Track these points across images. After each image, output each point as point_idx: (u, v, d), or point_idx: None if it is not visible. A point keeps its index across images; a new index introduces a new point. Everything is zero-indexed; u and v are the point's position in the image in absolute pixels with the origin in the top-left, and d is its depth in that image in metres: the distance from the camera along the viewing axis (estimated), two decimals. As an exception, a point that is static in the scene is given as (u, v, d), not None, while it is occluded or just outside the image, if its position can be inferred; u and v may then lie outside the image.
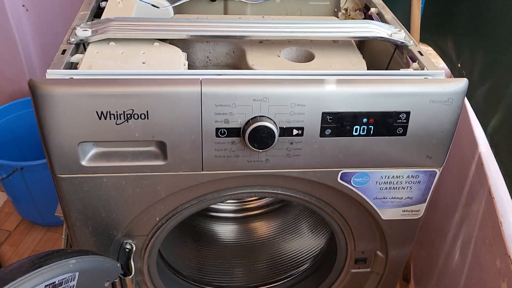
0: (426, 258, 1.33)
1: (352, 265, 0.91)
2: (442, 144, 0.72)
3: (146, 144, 0.69)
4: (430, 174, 0.75)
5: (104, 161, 0.69)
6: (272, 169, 0.72)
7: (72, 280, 0.64)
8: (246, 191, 0.77)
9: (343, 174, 0.74)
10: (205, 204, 0.78)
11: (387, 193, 0.77)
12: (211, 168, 0.71)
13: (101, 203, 0.73)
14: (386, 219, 0.81)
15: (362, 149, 0.71)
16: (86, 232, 0.77)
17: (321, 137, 0.69)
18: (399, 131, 0.70)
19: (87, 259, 0.68)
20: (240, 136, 0.68)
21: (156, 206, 0.76)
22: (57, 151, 0.66)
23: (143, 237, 0.81)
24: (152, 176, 0.71)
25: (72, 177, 0.69)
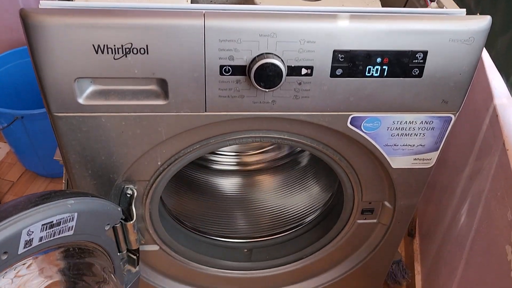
0: (432, 214, 1.31)
1: (359, 216, 0.89)
2: (459, 88, 0.68)
3: (146, 82, 0.65)
4: (445, 120, 0.72)
5: (103, 100, 0.65)
6: (278, 111, 0.69)
7: (71, 220, 0.63)
8: (251, 136, 0.74)
9: (353, 118, 0.70)
10: (208, 148, 0.75)
11: (399, 140, 0.74)
12: (214, 109, 0.67)
13: (100, 144, 0.70)
14: (396, 168, 0.78)
15: (375, 91, 0.67)
16: (86, 176, 0.75)
17: (331, 77, 0.65)
18: (415, 73, 0.65)
19: (86, 201, 0.66)
20: (246, 74, 0.64)
21: (157, 149, 0.73)
22: (52, 88, 0.63)
23: (145, 182, 0.79)
24: (152, 117, 0.67)
25: (70, 116, 0.66)
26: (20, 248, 0.57)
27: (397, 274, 1.29)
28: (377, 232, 0.93)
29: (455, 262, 1.04)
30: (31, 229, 0.57)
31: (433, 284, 1.17)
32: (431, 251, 1.25)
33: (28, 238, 0.57)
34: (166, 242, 0.91)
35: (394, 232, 0.91)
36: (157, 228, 0.88)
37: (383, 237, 0.93)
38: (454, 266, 1.04)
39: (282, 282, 1.04)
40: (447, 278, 1.07)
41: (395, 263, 1.30)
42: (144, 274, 0.95)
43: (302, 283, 1.04)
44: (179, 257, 0.95)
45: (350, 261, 1.00)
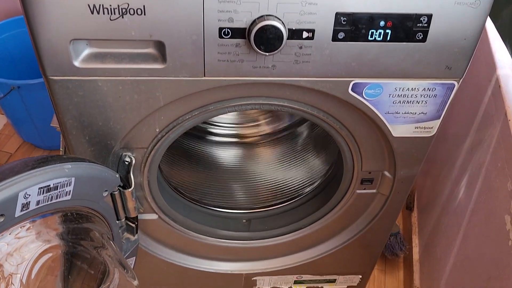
0: (431, 187, 1.32)
1: (358, 186, 0.89)
2: (464, 53, 0.66)
3: (144, 45, 0.64)
4: (448, 87, 0.70)
5: (99, 63, 0.64)
6: (278, 76, 0.67)
7: (68, 185, 0.62)
8: (250, 102, 0.73)
9: (355, 84, 0.69)
10: (207, 115, 0.74)
11: (400, 108, 0.73)
12: (213, 74, 0.66)
13: (97, 110, 0.69)
14: (397, 136, 0.77)
15: (377, 56, 0.66)
16: (83, 142, 0.74)
17: (333, 41, 0.64)
18: (419, 37, 0.64)
19: (84, 166, 0.65)
20: (245, 37, 0.62)
21: (155, 116, 0.72)
22: (47, 50, 0.61)
23: (143, 150, 0.78)
24: (150, 81, 0.66)
25: (65, 79, 0.65)
26: (17, 211, 0.57)
27: (395, 247, 1.30)
28: (376, 202, 0.93)
29: (453, 233, 1.05)
30: (28, 192, 0.57)
31: (430, 256, 1.18)
32: (429, 223, 1.26)
33: (25, 201, 0.57)
34: (165, 211, 0.91)
35: (393, 202, 0.91)
36: (155, 197, 0.88)
37: (382, 208, 0.93)
38: (452, 238, 1.05)
39: (280, 252, 1.04)
40: (445, 250, 1.08)
41: (393, 236, 1.31)
42: (143, 242, 0.95)
43: (300, 253, 1.04)
44: (178, 226, 0.95)
45: (349, 231, 1.00)
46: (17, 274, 0.65)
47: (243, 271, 1.06)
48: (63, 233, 0.67)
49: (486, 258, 0.85)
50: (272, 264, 1.05)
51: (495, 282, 0.79)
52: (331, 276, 1.11)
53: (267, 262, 1.05)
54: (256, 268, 1.06)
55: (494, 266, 0.81)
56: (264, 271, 1.06)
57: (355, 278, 1.13)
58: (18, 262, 0.63)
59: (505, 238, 0.78)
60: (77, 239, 0.68)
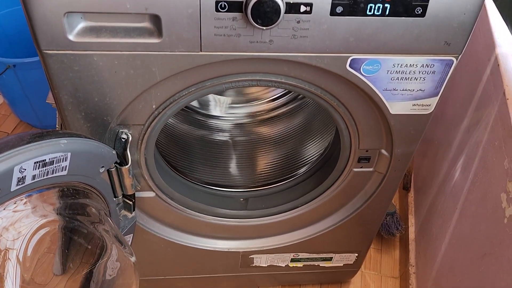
0: (428, 167, 1.32)
1: (355, 164, 0.89)
2: (463, 29, 0.65)
3: (139, 18, 0.63)
4: (446, 64, 0.70)
5: (94, 37, 0.63)
6: (276, 52, 0.67)
7: (64, 160, 0.62)
8: (247, 78, 0.72)
9: (353, 60, 0.68)
10: (204, 92, 0.73)
11: (398, 84, 0.72)
12: (210, 49, 0.65)
13: (93, 85, 0.69)
14: (394, 114, 0.77)
15: (376, 31, 0.65)
16: (79, 118, 0.73)
17: (331, 15, 0.63)
18: (418, 11, 0.63)
19: (80, 141, 0.65)
20: (242, 11, 0.61)
21: (151, 92, 0.71)
22: (41, 23, 0.60)
23: (140, 127, 0.77)
24: (146, 56, 0.65)
25: (60, 53, 0.64)
26: (13, 185, 0.57)
27: (391, 226, 1.31)
28: (373, 180, 0.93)
29: (449, 212, 1.05)
30: (23, 166, 0.57)
31: (426, 235, 1.19)
32: (426, 203, 1.26)
33: (21, 175, 0.57)
34: (162, 189, 0.91)
35: (390, 181, 0.91)
36: (152, 175, 0.88)
37: (379, 186, 0.93)
38: (448, 217, 1.06)
39: (277, 230, 1.05)
40: (440, 228, 1.09)
41: (389, 215, 1.31)
42: (140, 220, 0.95)
43: (297, 232, 1.05)
44: (175, 204, 0.95)
45: (345, 210, 1.00)
46: (14, 250, 0.65)
47: (240, 249, 1.06)
48: (60, 208, 0.67)
49: (481, 236, 0.85)
50: (269, 242, 1.06)
51: (489, 258, 0.80)
52: (327, 254, 1.11)
53: (264, 240, 1.06)
54: (253, 246, 1.06)
55: (489, 243, 0.81)
56: (261, 249, 1.07)
57: (351, 256, 1.14)
58: (14, 237, 0.64)
59: (501, 215, 0.78)
60: (74, 214, 0.68)
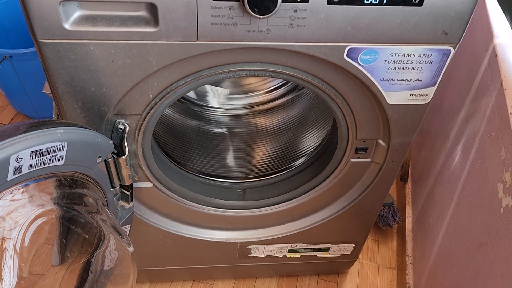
0: (425, 158, 1.32)
1: (352, 154, 0.89)
2: (460, 18, 0.65)
3: (136, 7, 0.62)
4: (444, 53, 0.70)
5: (90, 26, 0.63)
6: (273, 41, 0.66)
7: (61, 150, 0.62)
8: (244, 68, 0.72)
9: (350, 50, 0.68)
10: (200, 82, 0.73)
11: (396, 74, 0.72)
12: (206, 38, 0.65)
13: (89, 74, 0.68)
14: (392, 104, 0.77)
15: (373, 20, 0.65)
16: (76, 108, 0.73)
17: (328, 4, 0.63)
18: (415, 0, 0.63)
19: (76, 131, 0.65)
20: (239, 0, 0.61)
21: (148, 81, 0.71)
22: (36, 11, 0.60)
23: (137, 117, 0.77)
24: (143, 45, 0.65)
25: (56, 42, 0.64)
26: (10, 175, 0.56)
27: (389, 217, 1.31)
28: (370, 171, 0.93)
29: (446, 203, 1.06)
30: (20, 156, 0.56)
31: (423, 226, 1.20)
32: (423, 194, 1.27)
33: (17, 165, 0.57)
34: (159, 180, 0.91)
35: (387, 171, 0.92)
36: (150, 165, 0.88)
37: (376, 176, 0.93)
38: (445, 207, 1.06)
39: (274, 221, 1.05)
40: (437, 219, 1.09)
41: (386, 206, 1.32)
42: (138, 211, 0.95)
43: (295, 222, 1.05)
44: (172, 195, 0.95)
45: (343, 200, 1.01)
46: (11, 239, 0.65)
47: (238, 239, 1.07)
48: (57, 198, 0.67)
49: (478, 226, 0.86)
50: (266, 233, 1.06)
51: (486, 248, 0.81)
52: (325, 244, 1.12)
53: (262, 231, 1.06)
54: (250, 236, 1.07)
55: (485, 233, 0.82)
56: (259, 240, 1.07)
57: (348, 247, 1.14)
58: (11, 227, 0.64)
59: (497, 205, 0.79)
60: (71, 204, 0.68)
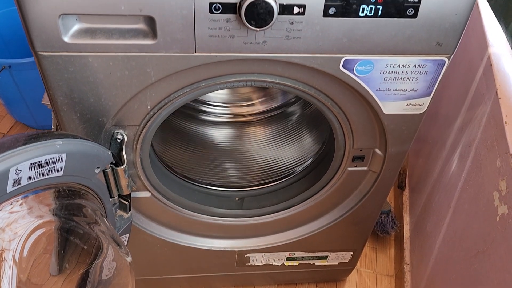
0: (422, 166, 1.33)
1: (349, 163, 0.89)
2: (454, 29, 0.66)
3: (134, 20, 0.63)
4: (439, 64, 0.71)
5: (89, 38, 0.64)
6: (270, 52, 0.67)
7: (60, 161, 0.62)
8: (242, 79, 0.72)
9: (346, 61, 0.69)
10: (198, 93, 0.74)
11: (391, 84, 0.73)
12: (204, 50, 0.66)
13: (88, 86, 0.69)
14: (387, 113, 0.78)
15: (368, 32, 0.66)
16: (74, 119, 0.74)
17: (324, 16, 0.63)
18: (410, 13, 0.64)
19: (75, 142, 0.65)
20: (236, 12, 0.62)
21: (146, 92, 0.72)
22: (36, 24, 0.61)
23: (135, 127, 0.78)
24: (141, 57, 0.66)
25: (55, 55, 0.64)
26: (9, 187, 0.57)
27: (386, 224, 1.32)
28: (368, 179, 0.94)
29: (443, 210, 1.06)
30: (19, 168, 0.57)
31: (420, 233, 1.20)
32: (420, 202, 1.27)
33: (17, 176, 0.57)
34: (157, 189, 0.92)
35: (384, 179, 0.92)
36: (148, 175, 0.88)
37: (373, 185, 0.94)
38: (442, 215, 1.06)
39: (272, 229, 1.05)
40: (435, 226, 1.10)
41: (384, 214, 1.32)
42: (136, 220, 0.96)
43: (292, 231, 1.06)
44: (171, 204, 0.95)
45: (340, 209, 1.01)
46: (10, 250, 0.65)
47: (236, 248, 1.07)
48: (56, 209, 0.67)
49: (475, 234, 0.86)
50: (264, 241, 1.07)
51: (482, 256, 0.81)
52: (323, 252, 1.12)
53: (260, 239, 1.07)
54: (248, 245, 1.07)
55: (482, 241, 0.82)
56: (257, 248, 1.08)
57: (346, 255, 1.14)
58: (11, 238, 0.64)
59: (493, 214, 0.79)
60: (70, 215, 0.68)
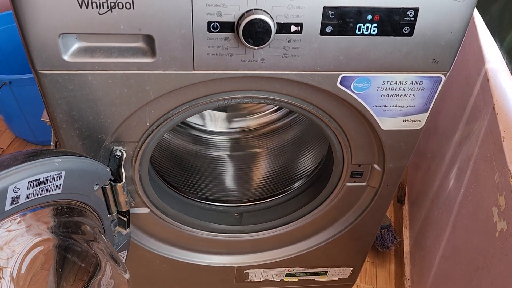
0: (421, 181, 1.33)
1: (348, 178, 0.89)
2: (450, 47, 0.67)
3: (133, 38, 0.64)
4: (435, 81, 0.71)
5: (88, 57, 0.64)
6: (267, 70, 0.68)
7: (58, 179, 0.62)
8: (240, 96, 0.73)
9: (343, 78, 0.70)
10: (197, 109, 0.74)
11: (388, 101, 0.73)
12: (203, 68, 0.66)
13: (87, 104, 0.69)
14: (385, 129, 0.78)
15: (365, 50, 0.66)
16: (74, 136, 0.74)
17: (321, 35, 0.64)
18: (406, 31, 0.65)
19: (74, 159, 0.65)
20: (234, 31, 0.63)
21: (145, 110, 0.72)
22: (36, 44, 0.61)
23: (134, 144, 0.78)
24: (140, 75, 0.66)
25: (55, 73, 0.65)
26: (7, 205, 0.57)
27: (386, 239, 1.31)
28: (366, 195, 0.94)
29: (442, 225, 1.06)
30: (18, 186, 0.57)
31: (420, 248, 1.20)
32: (420, 216, 1.27)
33: (15, 195, 0.57)
34: (156, 205, 0.92)
35: (383, 195, 0.92)
36: (147, 191, 0.88)
37: (372, 200, 0.94)
38: (441, 230, 1.06)
39: (271, 245, 1.05)
40: (434, 241, 1.09)
41: (384, 229, 1.32)
42: (134, 236, 0.96)
43: (292, 246, 1.05)
44: (169, 220, 0.95)
45: (339, 224, 1.01)
46: (7, 268, 0.65)
47: (235, 264, 1.06)
48: (54, 227, 0.67)
49: (474, 249, 0.86)
50: (263, 257, 1.06)
51: (482, 272, 0.81)
52: (322, 268, 1.12)
53: (259, 255, 1.06)
54: (248, 261, 1.06)
55: (481, 257, 0.82)
56: (256, 264, 1.07)
57: (346, 270, 1.14)
58: (9, 256, 0.64)
59: (493, 229, 0.79)
60: (68, 232, 0.68)
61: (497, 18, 1.10)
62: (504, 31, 1.02)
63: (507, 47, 0.97)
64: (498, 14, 1.08)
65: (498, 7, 1.09)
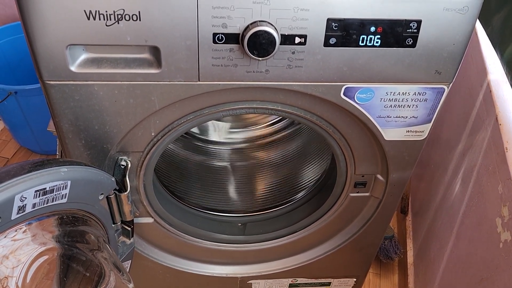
0: (425, 191, 1.33)
1: (351, 189, 0.90)
2: (453, 58, 0.68)
3: (139, 50, 0.65)
4: (438, 92, 0.72)
5: (95, 68, 0.65)
6: (272, 81, 0.68)
7: (64, 188, 0.63)
8: (244, 106, 0.74)
9: (347, 89, 0.70)
10: (201, 120, 0.75)
11: (392, 112, 0.74)
12: (207, 78, 0.67)
13: (93, 114, 0.70)
14: (388, 140, 0.78)
15: (368, 61, 0.67)
16: (79, 145, 0.75)
17: (325, 46, 0.65)
18: (409, 42, 0.65)
19: (79, 169, 0.66)
20: (239, 43, 0.64)
21: (151, 120, 0.73)
22: (44, 55, 0.62)
23: (139, 154, 0.79)
24: (146, 85, 0.67)
25: (62, 84, 0.66)
26: (14, 214, 0.57)
27: (390, 250, 1.31)
28: (370, 205, 0.94)
29: (446, 236, 1.06)
30: (24, 195, 0.58)
31: (424, 259, 1.19)
32: (423, 227, 1.27)
33: (21, 204, 0.58)
34: (160, 215, 0.92)
35: (386, 205, 0.92)
36: (151, 201, 0.89)
37: (376, 211, 0.94)
38: (445, 241, 1.06)
39: (275, 255, 1.05)
40: (438, 252, 1.09)
41: (387, 239, 1.32)
42: (138, 246, 0.96)
43: (295, 257, 1.05)
44: (173, 230, 0.95)
45: (343, 235, 1.01)
46: (13, 277, 0.65)
47: (238, 274, 1.06)
48: (59, 236, 0.68)
49: (478, 260, 0.86)
50: (267, 268, 1.06)
51: (486, 283, 0.80)
52: (326, 279, 1.11)
53: (262, 265, 1.06)
54: (251, 271, 1.06)
55: (485, 267, 0.82)
56: (259, 275, 1.07)
57: (349, 281, 1.13)
58: (14, 265, 0.64)
59: (496, 240, 0.79)
60: (73, 241, 0.69)
61: (498, 30, 1.11)
62: (504, 42, 1.03)
63: (507, 58, 0.98)
64: (499, 25, 1.09)
65: (500, 18, 1.10)
